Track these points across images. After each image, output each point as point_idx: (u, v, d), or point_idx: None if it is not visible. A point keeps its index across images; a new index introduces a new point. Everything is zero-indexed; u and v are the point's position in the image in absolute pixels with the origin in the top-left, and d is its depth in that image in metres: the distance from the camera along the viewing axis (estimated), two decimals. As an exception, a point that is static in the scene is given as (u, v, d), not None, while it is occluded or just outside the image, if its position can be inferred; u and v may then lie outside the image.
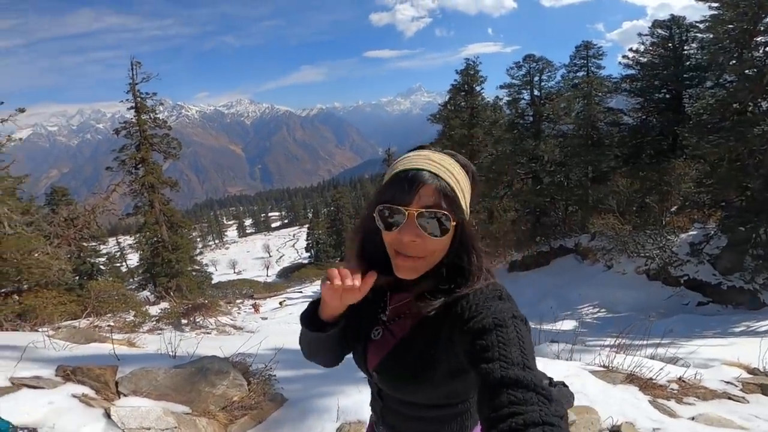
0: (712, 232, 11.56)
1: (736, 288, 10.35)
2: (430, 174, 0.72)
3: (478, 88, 20.65)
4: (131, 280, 23.42)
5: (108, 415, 1.80)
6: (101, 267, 20.16)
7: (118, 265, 26.39)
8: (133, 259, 30.55)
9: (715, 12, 11.40)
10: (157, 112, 19.35)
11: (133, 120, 18.74)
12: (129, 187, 18.29)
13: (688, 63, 16.78)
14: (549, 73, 19.25)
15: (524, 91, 19.52)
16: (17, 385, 1.97)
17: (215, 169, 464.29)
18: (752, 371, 3.66)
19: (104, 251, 22.10)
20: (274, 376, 2.75)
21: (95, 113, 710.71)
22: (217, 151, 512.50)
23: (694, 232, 12.74)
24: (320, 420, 2.28)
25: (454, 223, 0.73)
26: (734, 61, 10.85)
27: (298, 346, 0.98)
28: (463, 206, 0.75)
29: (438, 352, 0.76)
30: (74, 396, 1.94)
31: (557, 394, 1.36)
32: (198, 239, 69.40)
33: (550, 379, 1.40)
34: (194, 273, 21.79)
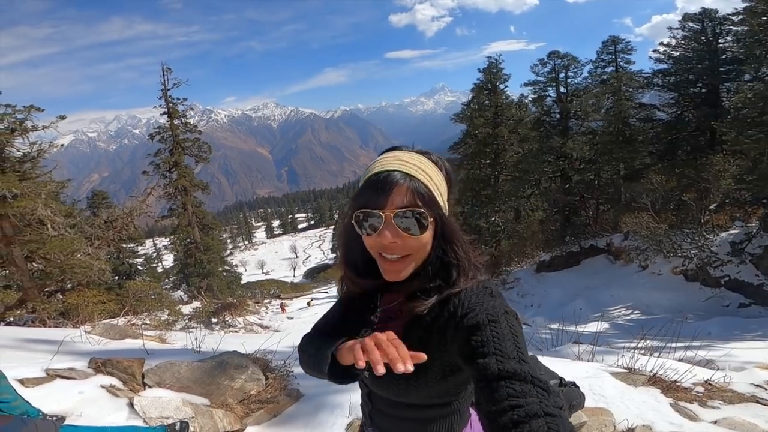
0: (754, 231, 10.94)
1: (781, 289, 9.73)
2: (402, 174, 0.72)
3: (501, 86, 20.29)
4: (167, 280, 24.28)
5: (131, 405, 1.92)
6: (139, 267, 21.01)
7: (155, 265, 27.57)
8: (168, 259, 31.82)
9: (749, 4, 10.94)
10: (188, 116, 20.08)
11: (166, 125, 19.50)
12: (164, 190, 18.99)
13: (723, 56, 15.97)
14: (575, 70, 18.68)
15: (550, 88, 19.02)
16: (52, 375, 2.13)
17: (244, 172, 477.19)
18: None
19: (141, 252, 23.00)
20: (292, 372, 2.82)
21: (131, 119, 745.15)
22: (246, 154, 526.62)
23: (735, 231, 12.05)
24: (332, 415, 2.34)
25: (432, 219, 0.74)
26: (772, 54, 10.27)
27: None
28: (440, 202, 0.75)
29: (430, 351, 0.74)
30: (103, 386, 2.08)
31: (568, 394, 1.35)
32: (228, 240, 71.49)
33: (561, 379, 1.38)
34: (225, 273, 22.44)
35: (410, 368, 0.63)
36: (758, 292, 10.12)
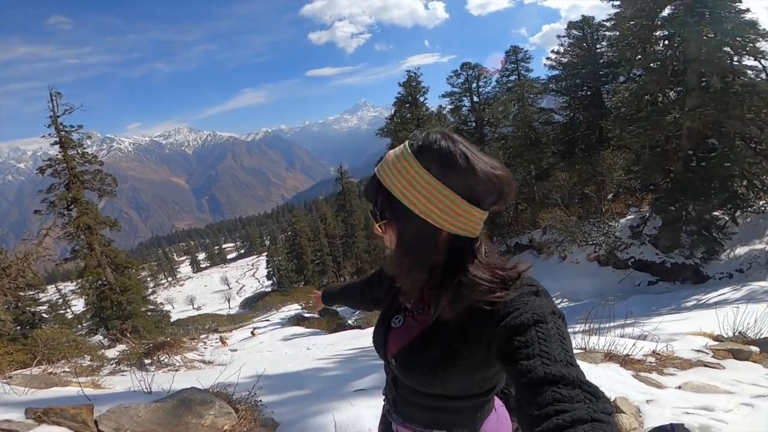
0: (647, 214, 12.55)
1: (679, 264, 11.27)
2: (375, 175, 0.76)
3: (421, 99, 21.30)
4: (79, 326, 22.34)
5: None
6: (44, 315, 18.45)
7: (62, 312, 24.57)
8: (78, 304, 28.35)
9: (618, 9, 12.48)
10: (85, 146, 18.07)
11: (59, 156, 17.31)
12: (63, 230, 16.80)
13: (602, 60, 18.30)
14: (485, 79, 20.34)
15: (465, 98, 20.45)
16: None
17: (158, 204, 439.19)
18: (717, 338, 3.91)
19: (44, 299, 20.27)
20: (261, 401, 2.67)
21: (14, 151, 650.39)
22: (159, 185, 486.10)
23: (632, 216, 13.75)
24: (319, 439, 2.20)
25: (384, 221, 0.75)
26: (639, 57, 11.97)
27: (277, 371, 0.93)
28: (407, 195, 0.69)
29: (463, 346, 0.73)
30: (53, 437, 1.81)
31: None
32: (148, 278, 65.12)
33: None
34: (149, 313, 20.59)
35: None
36: (661, 269, 11.61)
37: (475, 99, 20.35)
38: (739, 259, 10.61)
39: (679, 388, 2.61)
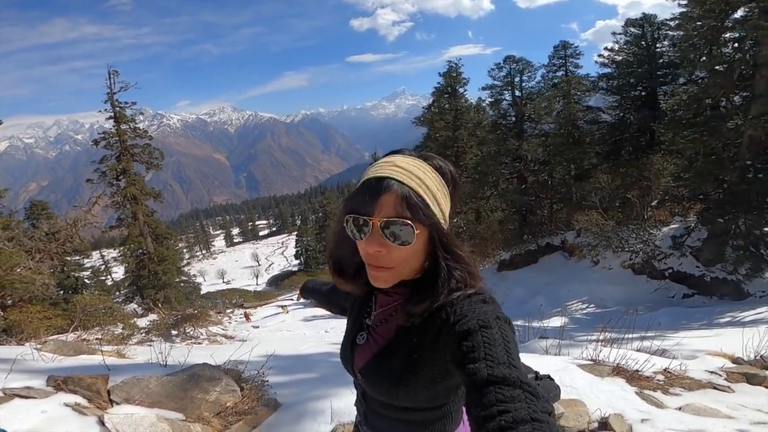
0: (693, 225, 11.85)
1: (720, 279, 10.61)
2: (395, 182, 0.71)
3: (461, 90, 20.92)
4: (117, 293, 22.93)
5: (102, 423, 1.80)
6: (86, 281, 19.76)
7: (103, 278, 26.06)
8: (118, 272, 30.02)
9: (684, 9, 11.68)
10: (137, 121, 19.11)
11: (113, 130, 18.42)
12: (111, 199, 17.95)
13: (661, 60, 17.22)
14: (529, 74, 19.62)
15: (506, 92, 19.84)
16: (9, 395, 1.98)
17: (200, 179, 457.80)
18: (736, 360, 3.74)
19: (88, 265, 21.65)
20: (267, 381, 2.75)
21: (73, 124, 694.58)
22: (201, 160, 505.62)
23: (676, 226, 13.04)
24: (314, 423, 2.29)
25: (418, 231, 0.71)
26: (704, 58, 11.17)
27: (289, 352, 1.03)
28: (435, 211, 0.73)
29: (421, 356, 0.76)
30: (67, 405, 1.95)
31: (545, 387, 1.41)
32: (185, 250, 68.59)
33: (536, 373, 1.45)
34: (182, 284, 21.58)
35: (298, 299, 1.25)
36: (699, 282, 10.97)
37: (517, 93, 19.71)
38: (784, 279, 9.88)
39: (680, 409, 2.55)
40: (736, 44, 10.74)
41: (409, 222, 0.70)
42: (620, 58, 18.13)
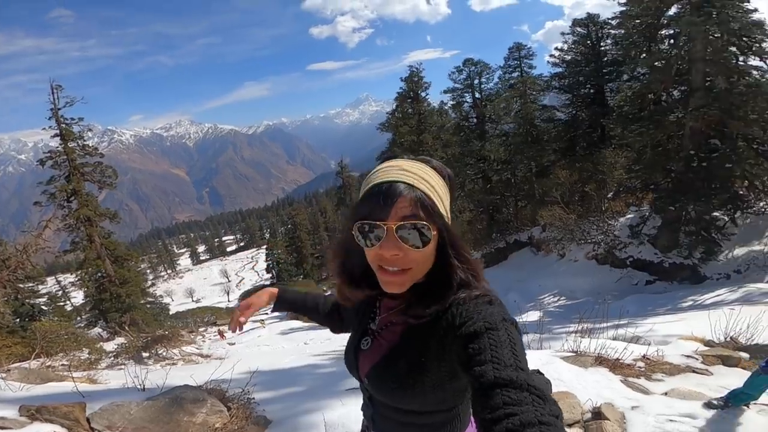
0: (647, 214, 12.53)
1: (678, 264, 11.25)
2: (405, 185, 0.72)
3: (423, 94, 21.18)
4: (79, 318, 22.27)
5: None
6: (43, 307, 18.56)
7: (62, 304, 24.63)
8: (77, 296, 28.43)
9: (624, 8, 12.36)
10: (86, 138, 18.07)
11: (60, 148, 17.37)
12: (63, 222, 16.93)
13: (605, 59, 18.19)
14: (487, 75, 20.23)
15: (466, 94, 20.34)
16: None
17: (159, 196, 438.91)
18: (707, 343, 3.92)
19: (44, 291, 20.41)
20: (254, 398, 2.69)
21: (15, 143, 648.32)
22: (159, 177, 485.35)
23: (631, 216, 13.73)
24: (309, 437, 2.21)
25: (435, 232, 0.73)
26: (644, 55, 11.87)
27: (271, 367, 0.94)
28: (443, 212, 0.75)
29: (428, 360, 0.76)
30: (46, 435, 1.86)
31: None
32: (148, 271, 65.48)
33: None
34: (148, 305, 20.73)
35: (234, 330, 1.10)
36: (659, 268, 11.58)
37: (477, 95, 20.26)
38: (737, 261, 10.59)
39: (666, 394, 2.62)
40: (671, 41, 11.46)
41: (426, 222, 0.71)
42: (569, 57, 19.03)
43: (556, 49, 19.47)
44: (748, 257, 10.43)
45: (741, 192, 11.03)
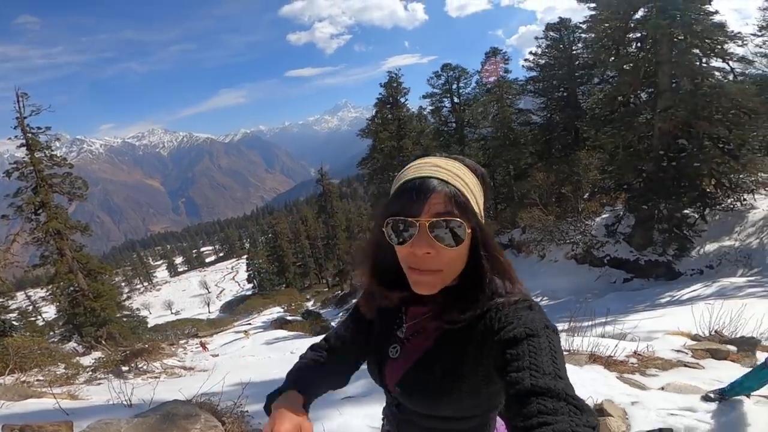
0: (621, 213, 12.91)
1: (653, 261, 11.62)
2: (439, 181, 0.70)
3: (402, 100, 21.31)
4: (52, 333, 21.54)
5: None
6: (14, 323, 17.77)
7: (33, 318, 23.71)
8: (49, 311, 27.38)
9: (593, 12, 12.77)
10: (54, 148, 17.44)
11: (26, 159, 16.70)
12: (31, 236, 16.28)
13: (577, 62, 18.71)
14: (465, 80, 20.56)
15: (445, 99, 20.60)
16: None
17: (132, 207, 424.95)
18: (694, 337, 4.02)
19: (14, 306, 19.56)
20: (247, 412, 2.60)
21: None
22: (132, 187, 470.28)
23: (607, 215, 14.14)
24: (312, 448, 2.11)
25: (469, 231, 0.70)
26: (613, 58, 12.27)
27: (263, 378, 0.87)
28: (477, 211, 0.72)
29: (465, 365, 0.74)
30: (34, 456, 1.73)
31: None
32: (123, 284, 63.26)
33: None
34: (125, 319, 20.17)
35: None
36: (636, 266, 11.93)
37: (456, 100, 20.55)
38: (708, 256, 11.03)
39: (662, 389, 2.65)
40: (639, 44, 11.88)
41: (460, 220, 0.68)
42: (543, 61, 19.53)
43: (530, 53, 19.97)
44: (720, 253, 10.87)
45: (709, 190, 11.50)
